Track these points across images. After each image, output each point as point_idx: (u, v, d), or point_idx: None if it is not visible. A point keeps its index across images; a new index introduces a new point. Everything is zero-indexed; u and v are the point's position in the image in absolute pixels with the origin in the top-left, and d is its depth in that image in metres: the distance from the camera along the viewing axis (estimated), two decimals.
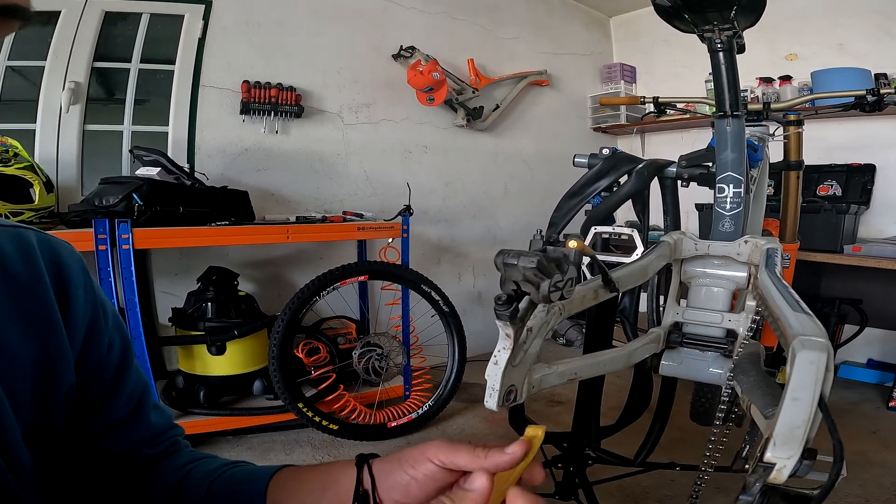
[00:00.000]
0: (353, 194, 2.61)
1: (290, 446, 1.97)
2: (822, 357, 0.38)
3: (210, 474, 0.51)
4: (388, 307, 2.25)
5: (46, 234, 0.46)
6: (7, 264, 0.42)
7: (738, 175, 1.00)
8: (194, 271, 2.08)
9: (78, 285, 0.46)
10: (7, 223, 0.44)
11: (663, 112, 1.82)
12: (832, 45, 2.73)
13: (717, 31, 0.91)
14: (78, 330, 0.46)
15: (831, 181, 2.69)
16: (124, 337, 0.51)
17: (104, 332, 0.48)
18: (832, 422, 0.35)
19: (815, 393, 0.36)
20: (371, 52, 2.62)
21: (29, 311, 0.42)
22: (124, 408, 0.50)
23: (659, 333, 0.92)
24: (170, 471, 0.52)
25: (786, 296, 0.54)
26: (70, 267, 0.46)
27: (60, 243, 0.47)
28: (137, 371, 0.52)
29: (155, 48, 2.14)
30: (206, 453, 0.56)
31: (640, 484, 1.66)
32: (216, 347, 1.92)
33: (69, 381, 0.45)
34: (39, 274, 0.44)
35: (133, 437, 0.51)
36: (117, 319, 0.51)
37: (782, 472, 0.34)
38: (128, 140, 2.11)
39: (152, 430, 0.53)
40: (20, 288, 0.42)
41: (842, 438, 0.36)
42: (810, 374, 0.37)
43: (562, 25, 3.40)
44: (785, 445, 0.35)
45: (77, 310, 0.46)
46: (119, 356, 0.50)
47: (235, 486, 0.49)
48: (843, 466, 0.41)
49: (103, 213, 1.61)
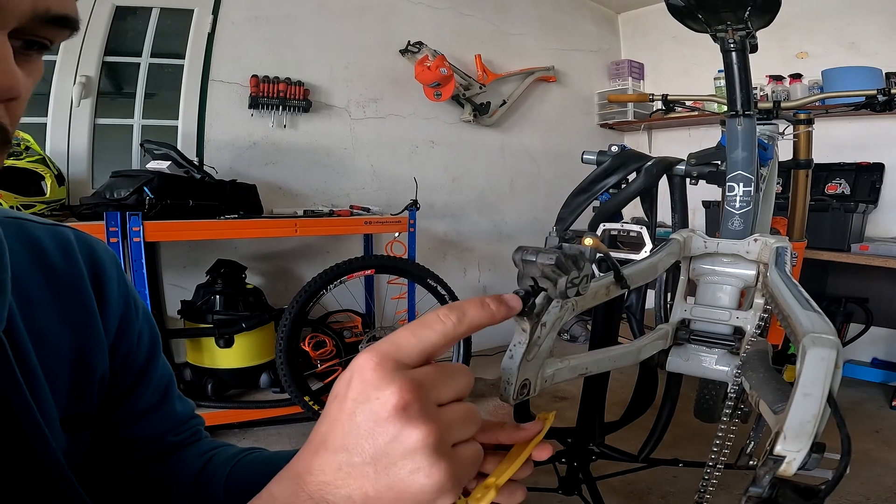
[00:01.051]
0: (360, 188, 2.62)
1: (297, 439, 1.99)
2: (832, 354, 0.39)
3: (231, 459, 0.53)
4: (394, 301, 2.27)
5: (83, 233, 0.49)
6: (48, 258, 0.44)
7: (749, 174, 1.00)
8: (202, 264, 2.10)
9: (112, 278, 0.49)
10: (46, 222, 0.47)
11: (672, 109, 1.82)
12: (844, 43, 2.71)
13: (730, 31, 0.91)
14: (111, 320, 0.48)
15: (840, 180, 2.68)
16: (153, 329, 0.54)
17: (135, 324, 0.51)
18: (841, 417, 0.36)
19: (825, 389, 0.37)
20: (379, 48, 2.62)
21: (67, 301, 0.44)
22: (151, 396, 0.52)
23: (667, 330, 0.92)
24: (193, 457, 0.54)
25: (796, 294, 0.55)
26: (105, 262, 0.49)
27: (96, 240, 0.50)
28: (164, 362, 0.55)
29: (165, 43, 2.15)
30: (224, 442, 0.58)
31: (643, 480, 1.67)
32: (224, 340, 1.93)
33: (103, 367, 0.47)
34: (77, 267, 0.46)
35: (159, 425, 0.53)
36: (146, 313, 0.53)
37: (792, 465, 0.35)
38: (138, 134, 2.13)
39: (176, 418, 0.55)
40: (59, 279, 0.44)
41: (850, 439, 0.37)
42: (820, 371, 0.38)
43: (570, 21, 3.39)
44: (795, 439, 0.35)
45: (111, 301, 0.48)
46: (148, 347, 0.52)
47: (256, 468, 0.51)
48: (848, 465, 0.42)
49: (115, 206, 1.63)
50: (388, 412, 0.28)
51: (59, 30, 0.32)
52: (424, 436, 0.28)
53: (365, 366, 0.29)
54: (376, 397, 0.28)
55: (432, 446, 0.28)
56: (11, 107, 0.32)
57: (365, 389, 0.29)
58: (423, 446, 0.28)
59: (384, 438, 0.28)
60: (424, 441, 0.28)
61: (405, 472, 0.28)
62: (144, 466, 0.52)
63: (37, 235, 0.45)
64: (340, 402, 0.30)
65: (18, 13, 0.28)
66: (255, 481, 0.49)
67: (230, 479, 0.51)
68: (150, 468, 0.52)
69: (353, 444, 0.28)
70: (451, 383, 0.31)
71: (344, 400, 0.29)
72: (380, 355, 0.29)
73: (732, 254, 0.92)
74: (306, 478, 0.30)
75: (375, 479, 0.28)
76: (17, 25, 0.29)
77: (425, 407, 0.28)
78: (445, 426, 0.29)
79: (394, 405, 0.28)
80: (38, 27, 0.31)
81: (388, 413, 0.28)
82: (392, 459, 0.28)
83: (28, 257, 0.43)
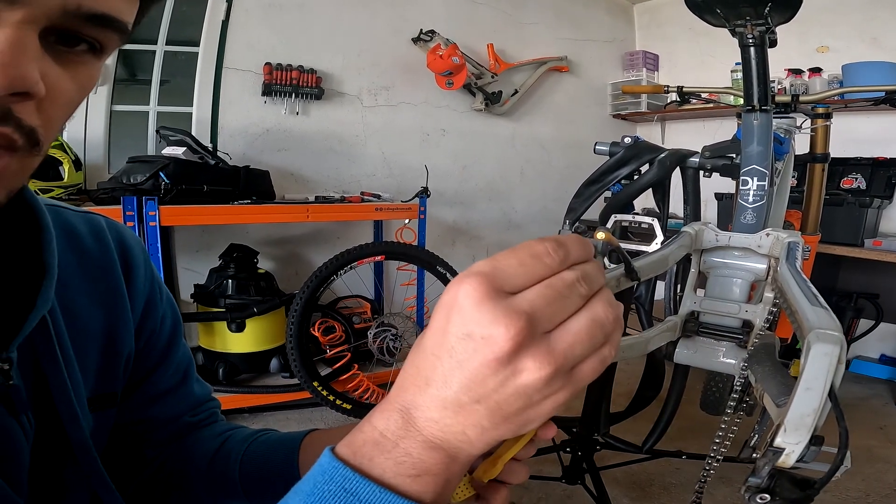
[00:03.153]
0: (371, 175, 2.63)
1: (304, 424, 2.01)
2: (835, 350, 0.40)
3: (246, 439, 0.55)
4: (403, 288, 2.29)
5: (113, 220, 0.51)
6: (81, 243, 0.46)
7: (763, 168, 0.99)
8: (215, 248, 2.13)
9: (139, 263, 0.51)
10: (79, 210, 0.49)
11: (687, 101, 1.80)
12: (866, 38, 2.66)
13: (749, 27, 0.90)
14: (138, 302, 0.50)
15: (856, 174, 2.64)
16: (175, 313, 0.55)
17: (159, 306, 0.53)
18: (840, 411, 0.37)
19: (827, 384, 0.38)
20: (391, 36, 2.61)
21: (99, 283, 0.46)
22: (172, 378, 0.54)
23: (676, 322, 0.93)
24: (209, 438, 0.56)
25: (804, 289, 0.55)
26: (133, 247, 0.51)
27: (124, 227, 0.52)
28: (184, 345, 0.57)
29: (180, 30, 2.16)
30: (239, 424, 0.60)
31: (646, 471, 1.69)
32: (236, 324, 1.96)
33: (129, 348, 0.49)
34: (109, 252, 0.48)
35: (178, 406, 0.55)
36: (169, 297, 0.55)
37: (790, 457, 0.36)
38: (153, 120, 2.15)
39: (194, 399, 0.57)
40: (92, 263, 0.46)
41: (848, 432, 0.38)
42: (823, 366, 0.39)
43: (584, 11, 3.35)
44: (795, 432, 0.36)
45: (138, 283, 0.50)
46: (170, 330, 0.54)
47: (269, 448, 0.53)
48: (848, 458, 0.43)
49: (131, 191, 1.65)
50: (496, 355, 0.25)
51: (103, 30, 0.31)
52: (537, 377, 0.25)
53: (466, 299, 0.26)
54: (481, 337, 0.25)
55: (546, 381, 0.26)
56: (45, 109, 0.30)
57: (467, 326, 0.25)
58: (538, 386, 0.26)
59: (494, 381, 0.26)
60: (538, 382, 0.26)
61: (518, 408, 0.26)
62: (163, 446, 0.54)
63: (71, 222, 0.46)
64: (441, 336, 0.27)
65: (47, 8, 0.28)
66: (268, 461, 0.51)
67: (245, 459, 0.53)
68: (169, 447, 0.54)
69: (458, 383, 0.26)
70: (566, 299, 0.27)
71: (445, 335, 0.26)
72: (483, 286, 0.26)
73: (744, 247, 0.92)
74: (413, 413, 0.28)
75: (489, 416, 0.27)
76: (49, 23, 0.28)
77: (538, 344, 0.26)
78: (562, 357, 0.26)
79: (502, 349, 0.25)
80: (76, 25, 0.30)
81: (497, 356, 0.25)
82: (504, 397, 0.26)
83: (64, 242, 0.44)
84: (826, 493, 1.58)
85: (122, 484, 0.47)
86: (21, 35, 0.27)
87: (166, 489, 0.54)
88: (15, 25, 0.27)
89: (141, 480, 0.54)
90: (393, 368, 2.20)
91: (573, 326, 0.27)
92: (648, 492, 1.63)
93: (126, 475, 0.52)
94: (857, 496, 1.59)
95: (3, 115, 0.28)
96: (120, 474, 0.47)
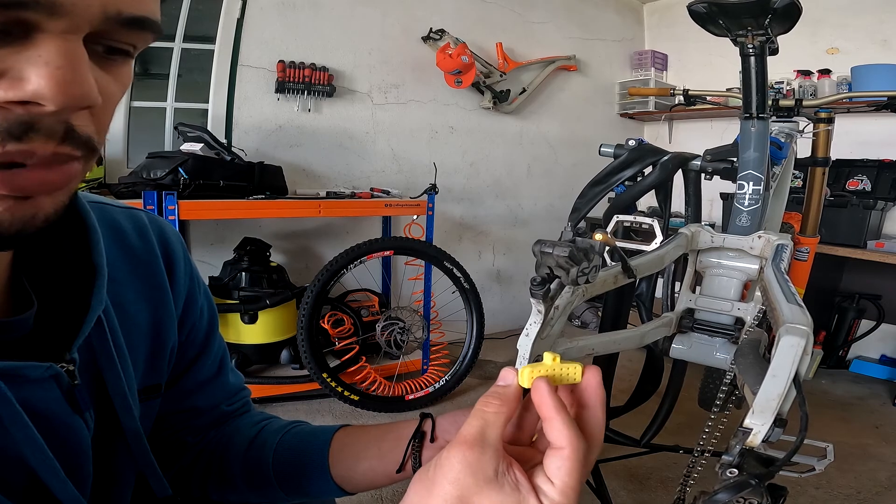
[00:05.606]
0: (381, 171, 2.68)
1: (312, 416, 2.03)
2: (801, 342, 0.44)
3: (281, 429, 0.58)
4: (411, 282, 2.34)
5: (154, 215, 0.53)
6: (126, 238, 0.48)
7: (759, 173, 1.04)
8: (228, 242, 2.19)
9: (180, 258, 0.53)
10: (122, 205, 0.51)
11: (693, 103, 1.83)
12: (877, 40, 2.66)
13: (750, 37, 0.93)
14: (179, 295, 0.52)
15: (861, 176, 2.65)
16: (212, 306, 0.58)
17: (198, 299, 0.55)
18: (803, 397, 0.42)
19: (791, 371, 0.42)
20: (401, 35, 2.65)
21: (144, 278, 0.48)
22: (210, 368, 0.57)
23: (671, 318, 0.98)
24: (247, 425, 0.59)
25: (784, 288, 0.60)
26: (173, 242, 0.53)
27: (164, 222, 0.54)
28: (220, 336, 0.59)
29: (196, 27, 2.21)
30: (272, 414, 0.63)
31: (644, 465, 1.72)
32: (249, 316, 2.00)
33: (173, 340, 0.51)
34: (152, 247, 0.50)
35: (216, 394, 0.58)
36: (207, 290, 0.58)
37: (757, 437, 0.41)
38: (171, 116, 2.21)
39: (230, 388, 0.60)
40: (137, 258, 0.48)
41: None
42: (789, 356, 0.43)
43: (593, 11, 3.37)
44: (761, 414, 0.41)
45: (179, 278, 0.52)
46: (208, 322, 0.57)
47: (302, 439, 0.56)
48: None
49: (151, 186, 1.71)
50: None
51: (139, 33, 0.31)
52: None
53: None
54: None
55: None
56: (97, 115, 0.30)
57: None
58: None
59: None
60: None
61: None
62: (204, 432, 0.57)
63: (116, 218, 0.48)
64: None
65: (89, 16, 0.27)
66: (300, 453, 0.55)
67: (279, 447, 0.55)
68: (208, 435, 0.57)
69: None
70: None
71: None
72: None
73: (737, 248, 0.97)
74: None
75: None
76: (91, 30, 0.28)
77: None
78: None
79: None
80: (115, 31, 0.29)
81: None
82: None
83: (110, 238, 0.45)
84: (818, 489, 1.62)
85: (164, 469, 0.49)
86: (72, 47, 0.27)
87: (204, 475, 0.56)
88: (62, 37, 0.26)
89: (181, 466, 0.56)
90: (399, 361, 2.26)
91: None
92: (646, 485, 1.67)
93: (168, 461, 0.54)
94: (849, 493, 1.62)
95: (66, 132, 0.28)
96: (162, 460, 0.49)
